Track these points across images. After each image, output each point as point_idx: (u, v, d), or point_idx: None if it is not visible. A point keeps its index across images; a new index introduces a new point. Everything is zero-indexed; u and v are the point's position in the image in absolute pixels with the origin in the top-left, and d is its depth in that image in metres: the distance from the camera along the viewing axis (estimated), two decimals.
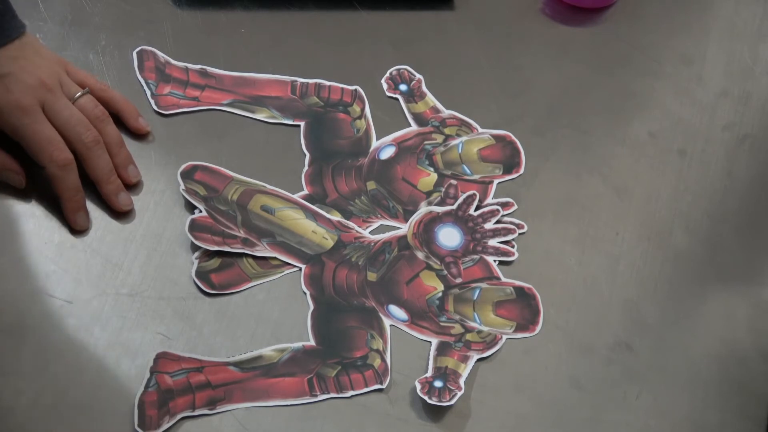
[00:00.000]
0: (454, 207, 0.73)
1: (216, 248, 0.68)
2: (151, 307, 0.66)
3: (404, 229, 0.72)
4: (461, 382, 0.65)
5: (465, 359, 0.66)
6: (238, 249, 0.68)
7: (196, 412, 0.63)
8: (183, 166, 0.72)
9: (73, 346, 0.64)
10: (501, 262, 0.71)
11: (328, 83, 0.78)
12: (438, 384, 0.64)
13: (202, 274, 0.68)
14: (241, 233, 0.69)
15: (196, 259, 0.68)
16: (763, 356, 0.69)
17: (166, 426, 0.61)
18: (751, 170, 0.78)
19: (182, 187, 0.70)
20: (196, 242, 0.68)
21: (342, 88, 0.78)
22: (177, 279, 0.68)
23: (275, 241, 0.70)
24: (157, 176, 0.72)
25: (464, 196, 0.73)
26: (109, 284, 0.67)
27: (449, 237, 0.71)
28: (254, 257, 0.69)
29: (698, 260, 0.73)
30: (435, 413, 0.64)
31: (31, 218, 0.69)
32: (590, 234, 0.73)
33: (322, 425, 0.63)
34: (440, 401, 0.63)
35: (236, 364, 0.65)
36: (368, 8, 0.83)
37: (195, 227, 0.69)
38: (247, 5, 0.82)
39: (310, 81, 0.78)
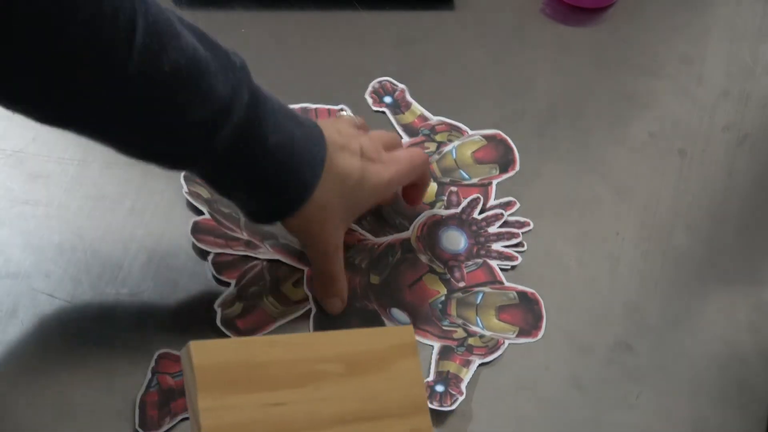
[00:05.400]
0: (459, 210, 0.72)
1: (218, 250, 0.68)
2: (152, 307, 0.66)
3: (408, 232, 0.71)
4: (463, 386, 0.64)
5: (467, 364, 0.66)
6: (240, 251, 0.68)
7: None
8: None
9: (73, 346, 0.64)
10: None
11: (314, 106, 0.76)
12: (439, 388, 0.64)
13: (227, 322, 0.65)
14: (244, 235, 0.69)
15: (218, 307, 0.66)
16: (763, 356, 0.69)
17: (167, 426, 0.61)
18: (751, 170, 0.78)
19: (185, 189, 0.70)
20: (199, 244, 0.68)
21: (329, 110, 0.77)
22: (177, 279, 0.68)
23: (278, 243, 0.69)
24: (157, 176, 0.72)
25: (468, 199, 0.73)
26: (109, 284, 0.67)
27: (453, 240, 0.71)
28: (272, 294, 0.67)
29: (698, 260, 0.73)
30: (436, 417, 0.64)
31: (32, 218, 0.69)
32: (590, 234, 0.73)
33: None
34: (441, 406, 0.63)
35: None
36: (368, 8, 0.83)
37: (198, 230, 0.69)
38: (247, 5, 0.82)
39: (297, 106, 0.75)
